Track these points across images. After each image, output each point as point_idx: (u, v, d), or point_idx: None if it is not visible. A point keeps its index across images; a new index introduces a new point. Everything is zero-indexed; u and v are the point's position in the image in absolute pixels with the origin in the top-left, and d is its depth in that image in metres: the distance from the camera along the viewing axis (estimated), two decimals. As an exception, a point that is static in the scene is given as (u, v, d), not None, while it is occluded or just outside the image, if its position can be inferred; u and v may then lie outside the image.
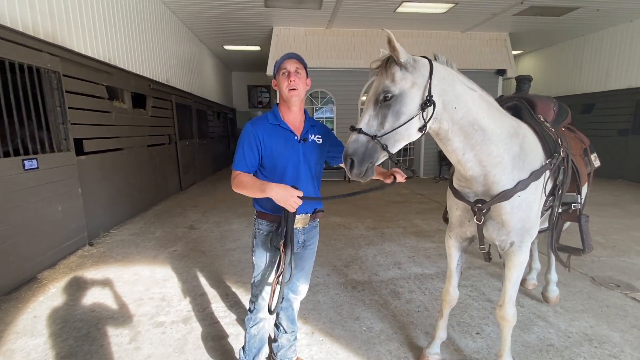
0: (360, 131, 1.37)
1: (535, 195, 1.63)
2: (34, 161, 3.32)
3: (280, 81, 1.59)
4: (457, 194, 1.71)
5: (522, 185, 1.56)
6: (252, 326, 1.73)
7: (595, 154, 2.45)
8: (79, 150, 4.11)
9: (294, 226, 1.62)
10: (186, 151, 7.98)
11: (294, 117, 1.67)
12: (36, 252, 3.30)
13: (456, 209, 1.78)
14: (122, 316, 2.55)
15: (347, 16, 7.66)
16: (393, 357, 2.08)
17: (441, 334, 2.04)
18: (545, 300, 2.69)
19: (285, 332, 1.92)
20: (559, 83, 10.24)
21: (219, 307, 2.67)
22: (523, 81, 2.32)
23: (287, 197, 1.45)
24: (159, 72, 6.54)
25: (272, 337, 1.97)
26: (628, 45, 8.20)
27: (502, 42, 9.20)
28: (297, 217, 1.63)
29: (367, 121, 1.38)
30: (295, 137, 1.64)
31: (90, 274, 3.31)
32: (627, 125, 8.25)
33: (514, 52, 10.50)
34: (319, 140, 1.72)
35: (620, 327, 2.36)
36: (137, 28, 5.66)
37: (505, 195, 1.55)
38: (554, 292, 2.67)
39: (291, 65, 1.57)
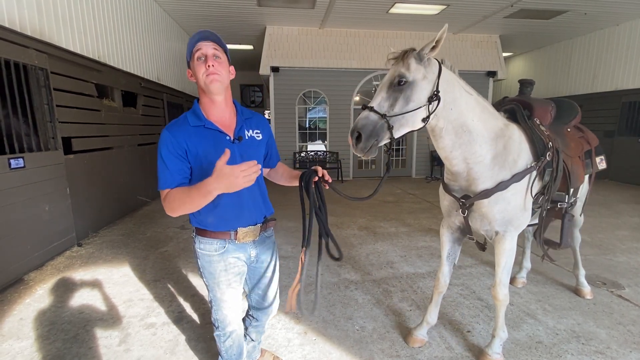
0: (371, 109, 1.48)
1: (514, 192, 1.77)
2: (21, 160, 3.25)
3: (195, 68, 1.28)
4: (446, 188, 1.90)
5: (502, 186, 1.72)
6: (224, 340, 1.56)
7: (602, 157, 2.48)
8: (67, 149, 4.03)
9: (243, 240, 1.42)
10: (178, 150, 7.88)
11: (220, 112, 1.37)
12: (22, 252, 3.22)
13: (444, 199, 1.98)
14: (111, 318, 2.51)
15: (340, 16, 7.68)
16: (385, 355, 2.09)
17: (429, 318, 2.16)
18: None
19: (252, 341, 1.84)
20: (547, 85, 10.42)
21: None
22: (525, 85, 2.37)
23: (231, 179, 1.10)
24: (150, 70, 6.45)
25: None
26: (614, 49, 8.39)
27: (493, 44, 9.33)
28: (245, 229, 1.42)
29: (379, 102, 1.50)
30: (227, 138, 1.35)
31: (79, 275, 3.25)
32: (613, 127, 8.44)
33: (504, 54, 10.66)
34: (259, 136, 1.46)
35: (607, 324, 2.41)
36: (127, 25, 5.57)
37: (486, 193, 1.73)
38: (585, 286, 2.79)
39: (207, 49, 1.28)
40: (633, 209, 5.71)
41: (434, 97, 1.51)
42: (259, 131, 1.48)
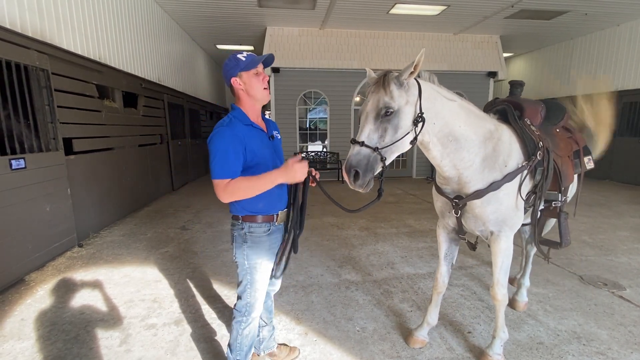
0: (362, 144, 1.48)
1: (506, 192, 1.79)
2: (22, 161, 3.25)
3: (252, 81, 1.55)
4: (439, 190, 1.92)
5: (495, 186, 1.74)
6: (244, 327, 1.70)
7: (590, 156, 2.49)
8: (69, 149, 4.04)
9: (280, 222, 1.68)
10: (178, 151, 7.90)
11: (257, 115, 1.68)
12: (23, 253, 3.23)
13: (438, 201, 2.00)
14: (112, 318, 2.51)
15: (341, 17, 7.68)
16: (386, 356, 2.09)
17: (429, 319, 2.18)
18: (512, 306, 2.58)
19: (266, 324, 1.98)
20: (548, 85, 10.41)
21: (211, 309, 2.65)
22: (515, 86, 2.39)
23: (293, 173, 1.47)
24: (151, 71, 6.46)
25: None
26: (615, 49, 8.39)
27: (494, 44, 9.33)
28: (283, 212, 1.69)
29: (368, 134, 1.49)
30: (267, 135, 1.68)
31: (80, 275, 3.25)
32: (614, 128, 8.42)
33: (505, 55, 10.66)
34: (279, 136, 1.82)
35: (608, 324, 2.41)
36: (128, 26, 5.58)
37: (479, 194, 1.75)
38: (523, 297, 2.60)
39: (261, 68, 1.61)
40: (634, 210, 5.70)
41: (419, 118, 1.53)
42: (277, 132, 1.82)
